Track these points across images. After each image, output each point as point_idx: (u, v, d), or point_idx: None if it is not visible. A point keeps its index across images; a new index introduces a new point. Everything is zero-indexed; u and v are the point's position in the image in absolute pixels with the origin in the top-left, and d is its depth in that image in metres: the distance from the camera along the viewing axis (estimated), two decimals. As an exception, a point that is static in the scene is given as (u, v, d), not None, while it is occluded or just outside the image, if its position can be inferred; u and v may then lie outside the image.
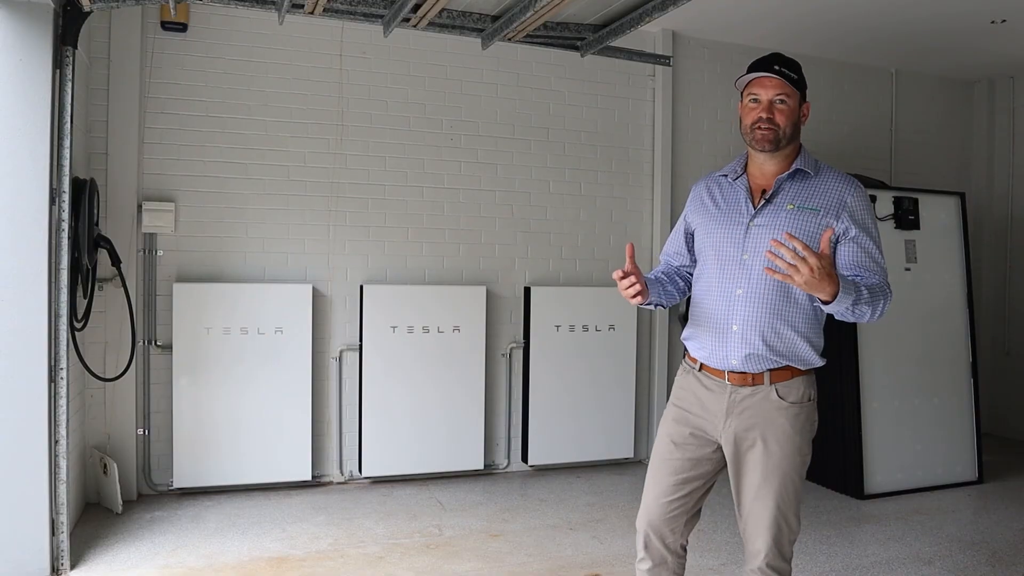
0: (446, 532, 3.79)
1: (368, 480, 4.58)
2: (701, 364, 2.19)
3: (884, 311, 2.04)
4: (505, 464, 4.91)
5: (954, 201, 4.90)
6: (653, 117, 5.21)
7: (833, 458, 4.56)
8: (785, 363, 2.09)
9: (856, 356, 4.45)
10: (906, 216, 4.67)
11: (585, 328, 4.91)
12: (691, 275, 2.35)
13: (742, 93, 2.19)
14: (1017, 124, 6.13)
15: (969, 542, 3.77)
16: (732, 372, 2.11)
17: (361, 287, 4.52)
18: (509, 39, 3.98)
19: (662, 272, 2.38)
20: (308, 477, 4.41)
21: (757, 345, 2.07)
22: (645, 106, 5.22)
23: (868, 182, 4.82)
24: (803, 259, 1.82)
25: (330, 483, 4.54)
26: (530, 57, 4.89)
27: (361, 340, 4.50)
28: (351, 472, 4.58)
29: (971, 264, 5.00)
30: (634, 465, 5.11)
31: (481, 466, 4.75)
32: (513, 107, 4.91)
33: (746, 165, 2.22)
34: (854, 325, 4.44)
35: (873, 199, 4.60)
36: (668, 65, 4.88)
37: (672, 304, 2.35)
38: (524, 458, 4.89)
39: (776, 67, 2.11)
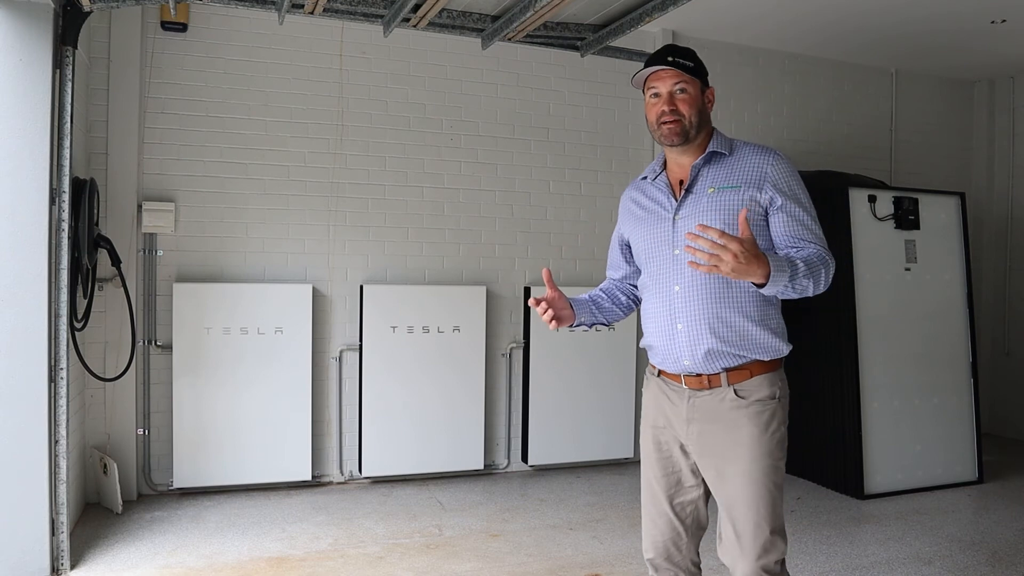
0: (446, 532, 3.79)
1: (368, 480, 4.58)
2: (660, 370, 2.12)
3: (828, 280, 1.93)
4: (505, 464, 4.91)
5: (954, 201, 4.90)
6: (653, 117, 5.20)
7: (833, 458, 4.56)
8: (746, 357, 1.97)
9: (856, 356, 4.45)
10: (906, 216, 4.67)
11: (585, 328, 4.90)
12: (635, 287, 2.30)
13: (643, 92, 2.12)
14: (1017, 124, 6.13)
15: (969, 542, 3.77)
16: (688, 375, 2.02)
17: (361, 287, 4.53)
18: (509, 39, 3.99)
19: (601, 290, 2.33)
20: (308, 477, 4.41)
21: (707, 340, 1.97)
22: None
23: (868, 182, 4.83)
24: (723, 247, 1.72)
25: (330, 483, 4.54)
26: (530, 57, 4.89)
27: (361, 340, 4.50)
28: (351, 472, 4.58)
29: (971, 264, 4.99)
30: (634, 465, 5.11)
31: (481, 466, 4.75)
32: (513, 107, 4.91)
33: (665, 163, 2.16)
34: (854, 324, 4.44)
35: (873, 199, 4.60)
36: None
37: (615, 320, 2.33)
38: (524, 458, 4.89)
39: (670, 58, 2.02)
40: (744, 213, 1.81)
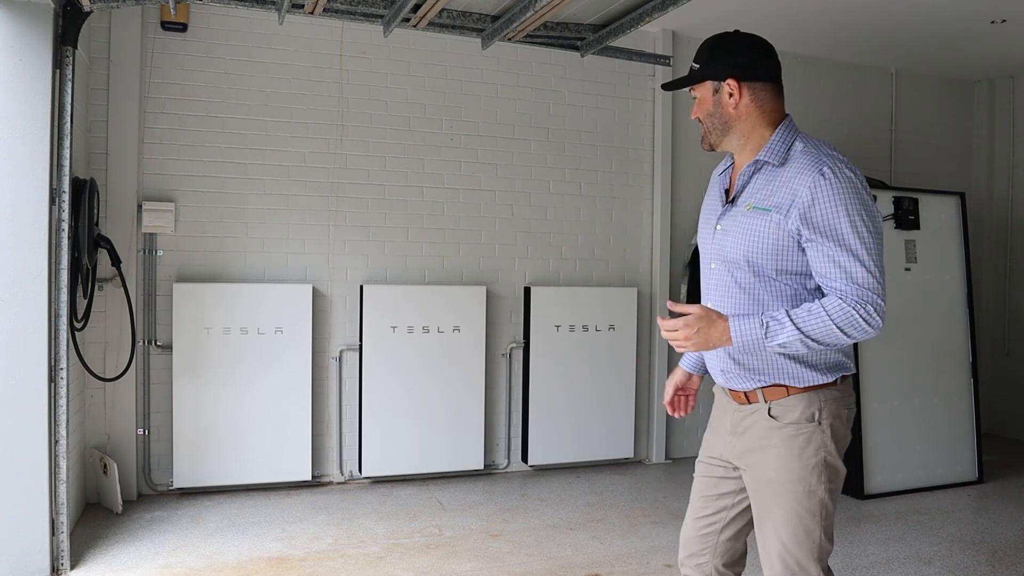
0: (446, 532, 3.79)
1: (368, 480, 4.58)
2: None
3: (861, 329, 1.70)
4: (505, 464, 4.91)
5: (954, 201, 4.90)
6: (653, 117, 5.21)
7: (833, 458, 4.55)
8: (772, 380, 1.83)
9: (856, 356, 4.45)
10: (906, 216, 4.67)
11: (585, 328, 4.91)
12: None
13: None
14: (1017, 124, 6.12)
15: (969, 542, 3.77)
16: (731, 389, 1.93)
17: (361, 287, 4.52)
18: (509, 39, 3.99)
19: None
20: (308, 477, 4.41)
21: (724, 360, 1.89)
22: (645, 106, 5.22)
23: (868, 182, 4.81)
24: (672, 330, 1.71)
25: (330, 483, 4.54)
26: (530, 57, 4.89)
27: (361, 340, 4.50)
28: (351, 472, 4.58)
29: (971, 264, 4.99)
30: (634, 465, 5.11)
31: (481, 466, 4.75)
32: (513, 107, 4.91)
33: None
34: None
35: (873, 199, 4.59)
36: (668, 65, 4.89)
37: None
38: (524, 458, 4.89)
39: (693, 63, 1.91)
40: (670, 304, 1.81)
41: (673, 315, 1.82)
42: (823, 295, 1.79)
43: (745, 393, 1.89)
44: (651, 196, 5.22)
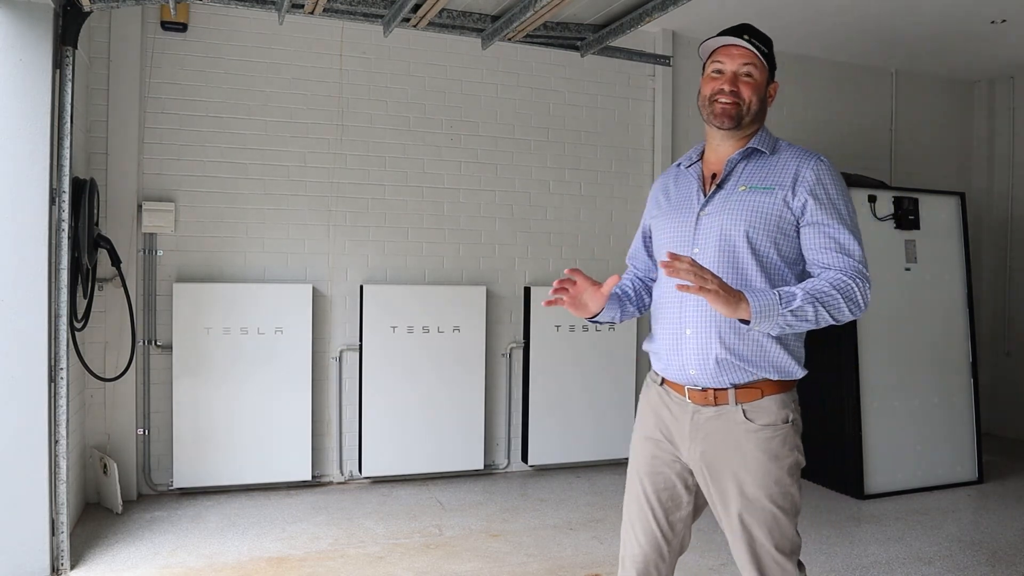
0: (446, 532, 3.79)
1: (368, 480, 4.58)
2: (663, 378, 1.96)
3: (858, 306, 1.75)
4: (505, 464, 4.91)
5: (954, 201, 4.90)
6: (653, 117, 5.21)
7: (833, 458, 4.55)
8: (755, 375, 1.82)
9: (856, 356, 4.45)
10: (906, 216, 4.67)
11: (585, 328, 4.91)
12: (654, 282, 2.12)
13: (704, 64, 1.95)
14: (1017, 124, 6.12)
15: (969, 542, 3.77)
16: (692, 389, 1.86)
17: (361, 287, 4.52)
18: (509, 39, 3.98)
19: (629, 284, 2.13)
20: (308, 477, 4.41)
21: (715, 349, 1.81)
22: (645, 106, 5.22)
23: (868, 182, 4.83)
24: (700, 272, 1.60)
25: (330, 483, 4.54)
26: (530, 57, 4.89)
27: (361, 340, 4.50)
28: (351, 472, 4.58)
29: (971, 264, 4.99)
30: (634, 465, 5.11)
31: (481, 466, 4.75)
32: (513, 107, 4.91)
33: (703, 153, 2.00)
34: (854, 324, 4.44)
35: (873, 199, 4.60)
36: (668, 65, 4.89)
37: (629, 319, 2.12)
38: (524, 458, 4.89)
39: (746, 36, 1.87)
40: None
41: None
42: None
43: (715, 392, 1.83)
44: (651, 196, 5.22)
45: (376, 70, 4.60)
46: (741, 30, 1.90)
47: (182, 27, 4.21)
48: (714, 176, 1.92)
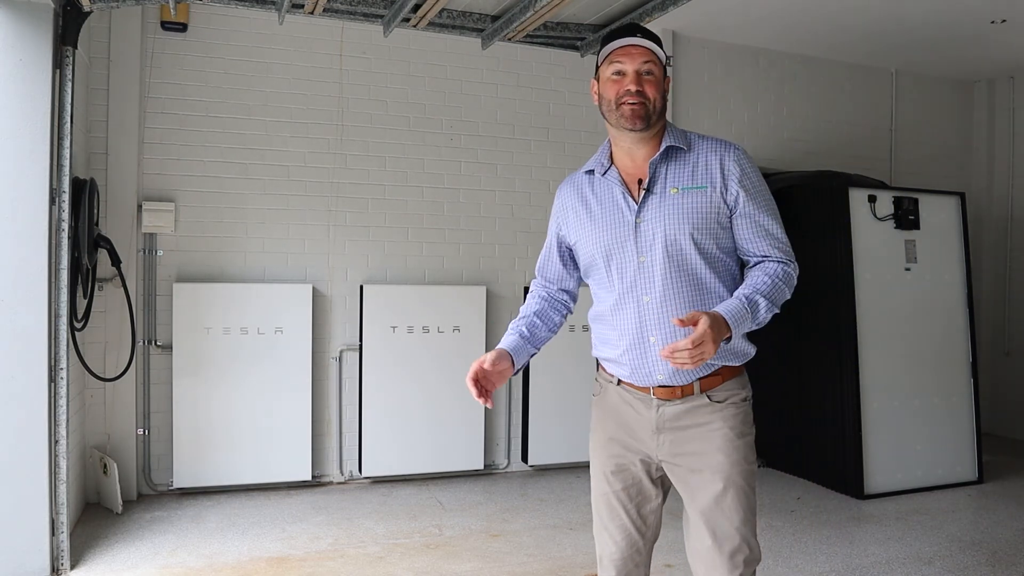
0: (446, 532, 3.79)
1: (368, 480, 4.58)
2: (619, 380, 1.96)
3: (792, 290, 1.86)
4: (505, 464, 4.91)
5: (954, 201, 4.90)
6: (653, 117, 5.21)
7: (833, 458, 4.56)
8: (718, 364, 1.86)
9: (856, 356, 4.45)
10: (906, 216, 4.67)
11: (585, 328, 4.90)
12: (571, 298, 2.17)
13: (598, 67, 1.91)
14: (1017, 124, 6.13)
15: (969, 542, 3.77)
16: (658, 387, 1.87)
17: (361, 287, 4.52)
18: (509, 39, 3.99)
19: (536, 315, 2.12)
20: (308, 477, 4.41)
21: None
22: (645, 106, 5.21)
23: (868, 182, 4.83)
24: (700, 350, 1.64)
25: (330, 483, 4.54)
26: (530, 57, 4.89)
27: (361, 340, 4.50)
28: (351, 472, 4.58)
29: (971, 264, 4.99)
30: (634, 465, 5.11)
31: (481, 466, 4.75)
32: (513, 107, 4.91)
33: (611, 156, 1.94)
34: (854, 324, 4.44)
35: (873, 199, 4.60)
36: (668, 65, 4.87)
37: (546, 342, 2.14)
38: (524, 458, 4.89)
39: (639, 35, 1.85)
40: (677, 321, 1.69)
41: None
42: (742, 271, 1.91)
43: (681, 388, 1.86)
44: (651, 196, 5.22)
45: (376, 70, 4.60)
46: (633, 28, 1.88)
47: (182, 27, 4.21)
48: (640, 181, 1.87)
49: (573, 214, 1.99)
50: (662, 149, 1.87)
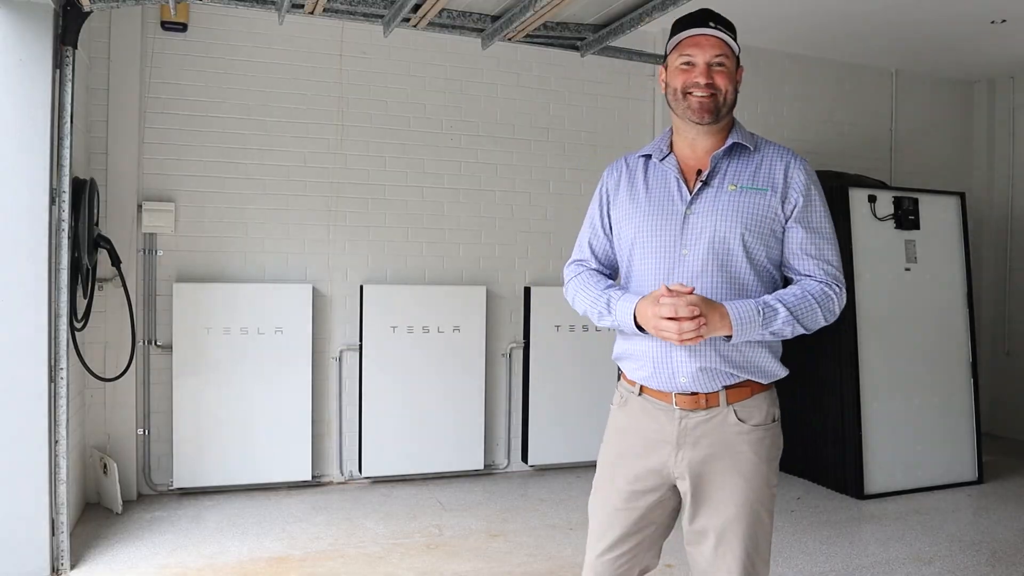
0: (446, 532, 3.79)
1: (368, 480, 4.58)
2: (641, 387, 1.85)
3: (833, 313, 1.76)
4: (505, 464, 4.91)
5: (954, 201, 4.90)
6: (653, 117, 5.21)
7: (833, 458, 4.56)
8: (744, 377, 1.76)
9: (856, 356, 4.45)
10: (906, 216, 4.67)
11: (585, 328, 4.91)
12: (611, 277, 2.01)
13: (667, 56, 1.84)
14: (1017, 124, 6.12)
15: (969, 542, 3.77)
16: (680, 394, 1.77)
17: (361, 287, 4.52)
18: (509, 39, 3.98)
19: (606, 279, 1.97)
20: (308, 477, 4.41)
21: (709, 357, 1.73)
22: (645, 106, 5.22)
23: (868, 182, 4.83)
24: (696, 313, 1.60)
25: (330, 483, 4.54)
26: (530, 57, 4.89)
27: (361, 340, 4.50)
28: (351, 472, 4.58)
29: (971, 264, 4.99)
30: (634, 465, 5.11)
31: (481, 466, 4.75)
32: (513, 107, 4.91)
33: (671, 143, 1.88)
34: (854, 324, 4.44)
35: (873, 199, 4.60)
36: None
37: None
38: (524, 458, 4.89)
39: (712, 24, 1.77)
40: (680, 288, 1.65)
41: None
42: (785, 285, 1.82)
43: (705, 396, 1.76)
44: (651, 196, 5.22)
45: (376, 70, 4.60)
46: (706, 17, 1.79)
47: (182, 27, 4.21)
48: (699, 172, 1.81)
49: (624, 193, 1.90)
50: (728, 144, 1.80)
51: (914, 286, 4.67)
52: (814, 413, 4.66)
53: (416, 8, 3.61)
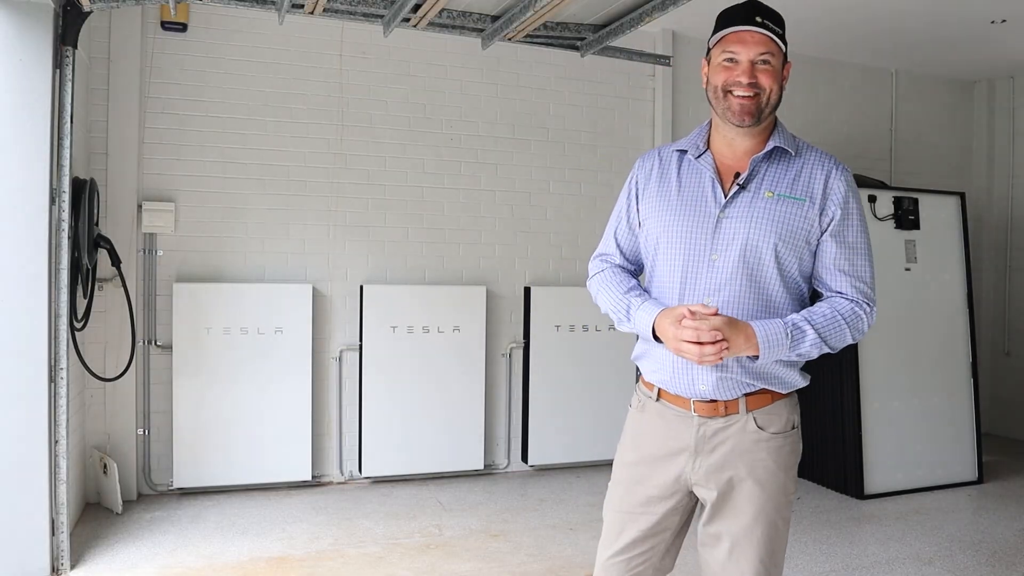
0: (446, 532, 3.79)
1: (368, 480, 4.58)
2: (659, 392, 1.80)
3: (862, 332, 1.72)
4: (505, 464, 4.90)
5: (954, 201, 4.90)
6: (653, 117, 5.21)
7: (833, 458, 4.56)
8: (762, 385, 1.73)
9: (856, 356, 4.45)
10: (906, 216, 4.67)
11: (585, 328, 4.91)
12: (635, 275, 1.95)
13: (710, 50, 1.78)
14: (1017, 124, 6.12)
15: (969, 542, 3.77)
16: (699, 401, 1.72)
17: (361, 287, 4.52)
18: (509, 39, 3.98)
19: (632, 280, 1.92)
20: (308, 477, 4.40)
21: (730, 366, 1.69)
22: (645, 106, 5.22)
23: (868, 182, 4.83)
24: (718, 338, 1.55)
25: (330, 483, 4.54)
26: (530, 57, 4.89)
27: (361, 340, 4.50)
28: (351, 472, 4.58)
29: (971, 264, 5.00)
30: (634, 465, 5.11)
31: (481, 466, 4.75)
32: (513, 107, 4.91)
33: (708, 140, 1.80)
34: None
35: (873, 199, 4.60)
36: (668, 65, 4.88)
37: None
38: (524, 458, 4.89)
39: (758, 19, 1.67)
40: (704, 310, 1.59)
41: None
42: (813, 300, 1.76)
43: (725, 403, 1.72)
44: (651, 196, 5.22)
45: (376, 70, 4.60)
46: (752, 11, 1.69)
47: (182, 27, 4.21)
48: (736, 175, 1.73)
49: (655, 186, 1.82)
50: (768, 148, 1.73)
51: (914, 286, 4.67)
52: (814, 413, 4.66)
53: (416, 8, 3.61)
